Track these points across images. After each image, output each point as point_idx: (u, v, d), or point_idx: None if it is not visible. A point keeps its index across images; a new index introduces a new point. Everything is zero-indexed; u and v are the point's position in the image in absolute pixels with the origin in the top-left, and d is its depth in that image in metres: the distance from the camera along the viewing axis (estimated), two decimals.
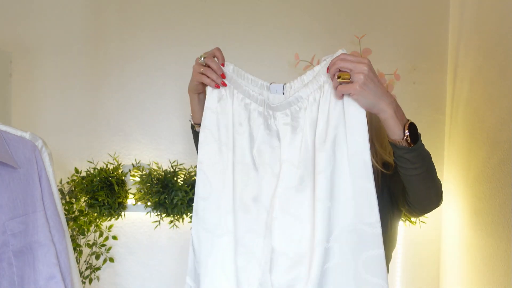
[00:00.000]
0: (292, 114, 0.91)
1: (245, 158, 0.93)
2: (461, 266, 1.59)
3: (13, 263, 0.88)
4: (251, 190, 0.93)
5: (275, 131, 0.93)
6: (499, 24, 1.36)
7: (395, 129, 0.84)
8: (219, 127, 0.94)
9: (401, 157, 0.87)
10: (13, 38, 1.79)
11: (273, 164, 0.92)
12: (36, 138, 1.00)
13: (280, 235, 0.88)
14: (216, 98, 0.94)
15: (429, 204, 0.95)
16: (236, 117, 0.94)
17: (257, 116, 0.93)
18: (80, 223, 1.65)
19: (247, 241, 0.92)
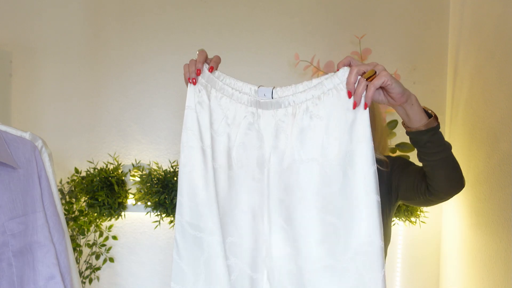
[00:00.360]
0: (278, 117, 0.86)
1: (223, 160, 0.90)
2: (461, 266, 1.59)
3: (12, 264, 0.87)
4: (231, 195, 0.90)
5: (257, 131, 0.88)
6: (499, 24, 1.36)
7: (421, 114, 0.85)
8: (200, 127, 0.90)
9: (429, 141, 0.88)
10: (13, 38, 1.79)
11: (252, 167, 0.89)
12: (36, 138, 1.00)
13: (277, 244, 0.86)
14: (194, 97, 0.91)
15: (456, 186, 0.95)
16: (214, 116, 0.90)
17: (236, 115, 0.89)
18: (80, 223, 1.65)
19: (231, 248, 0.90)
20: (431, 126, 0.87)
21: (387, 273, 1.83)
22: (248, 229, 0.89)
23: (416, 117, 0.86)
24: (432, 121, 0.87)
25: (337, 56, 1.78)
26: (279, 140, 0.86)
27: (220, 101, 0.90)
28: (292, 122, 0.85)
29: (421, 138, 0.88)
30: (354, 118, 0.80)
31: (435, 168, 0.92)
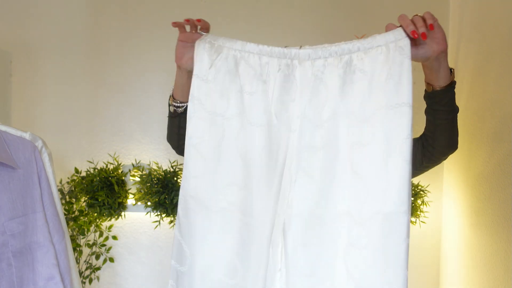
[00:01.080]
0: (317, 67, 0.83)
1: (258, 118, 0.85)
2: (461, 266, 1.59)
3: (12, 264, 0.87)
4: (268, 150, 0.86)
5: (293, 83, 0.84)
6: (499, 24, 1.36)
7: (448, 70, 0.87)
8: (211, 95, 0.86)
9: (450, 99, 0.90)
10: (13, 38, 1.79)
11: (289, 120, 0.85)
12: (36, 139, 1.00)
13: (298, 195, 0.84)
14: (206, 63, 0.86)
15: (453, 146, 0.98)
16: (243, 77, 0.85)
17: (270, 70, 0.85)
18: (80, 223, 1.65)
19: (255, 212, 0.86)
20: (453, 79, 0.89)
21: None
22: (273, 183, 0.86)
23: (443, 73, 0.86)
24: (453, 76, 0.89)
25: None
26: (318, 92, 0.83)
27: (248, 60, 0.86)
28: (333, 73, 0.82)
29: (444, 97, 0.89)
30: (399, 81, 0.78)
31: (446, 126, 0.94)
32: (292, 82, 0.85)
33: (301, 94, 0.84)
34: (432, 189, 1.75)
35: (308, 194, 0.84)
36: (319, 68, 0.83)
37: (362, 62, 0.80)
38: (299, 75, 0.84)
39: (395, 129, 0.78)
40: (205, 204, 0.86)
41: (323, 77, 0.83)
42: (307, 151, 0.84)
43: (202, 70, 0.86)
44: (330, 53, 0.83)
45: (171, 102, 1.00)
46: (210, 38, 0.88)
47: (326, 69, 0.82)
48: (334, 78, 0.82)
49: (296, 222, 0.84)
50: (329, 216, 0.83)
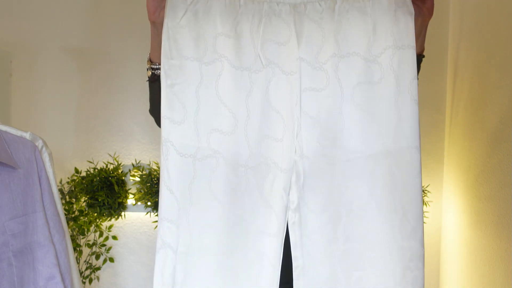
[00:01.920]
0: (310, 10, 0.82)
1: (241, 62, 0.83)
2: (461, 266, 1.59)
3: (13, 264, 0.88)
4: (256, 96, 0.83)
5: (285, 23, 0.82)
6: (499, 24, 1.36)
7: (424, 39, 0.94)
8: (186, 41, 0.82)
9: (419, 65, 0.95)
10: (13, 38, 1.79)
11: (281, 62, 0.83)
12: (36, 138, 1.00)
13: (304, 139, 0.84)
14: (178, 10, 0.81)
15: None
16: (221, 18, 0.82)
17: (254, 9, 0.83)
18: (80, 223, 1.65)
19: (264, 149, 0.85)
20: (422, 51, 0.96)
21: None
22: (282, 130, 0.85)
23: (423, 40, 0.93)
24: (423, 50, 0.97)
25: None
26: (313, 35, 0.82)
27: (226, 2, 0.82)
28: (330, 11, 0.82)
29: (419, 60, 0.95)
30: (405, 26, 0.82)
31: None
32: (282, 26, 0.83)
33: (294, 38, 0.82)
34: (432, 189, 1.75)
35: (314, 136, 0.83)
36: (312, 10, 0.82)
37: (363, 4, 0.82)
38: (290, 19, 0.82)
39: (404, 69, 0.81)
40: (189, 152, 0.85)
41: (318, 20, 0.82)
42: (309, 94, 0.83)
43: (175, 18, 0.82)
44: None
45: (149, 66, 0.93)
46: None
47: (323, 13, 0.82)
48: (329, 21, 0.82)
49: (304, 164, 0.83)
50: (338, 156, 0.83)
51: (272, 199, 0.85)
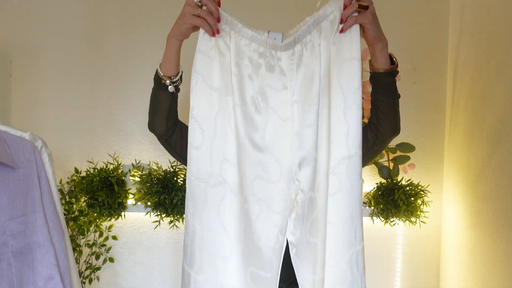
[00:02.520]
0: (298, 53, 0.93)
1: (245, 101, 0.93)
2: (461, 266, 1.59)
3: (12, 264, 0.87)
4: (256, 135, 0.93)
5: (279, 72, 0.93)
6: (499, 24, 1.36)
7: (387, 59, 0.96)
8: (213, 71, 0.91)
9: (388, 84, 0.99)
10: (13, 38, 1.79)
11: (278, 107, 0.94)
12: (36, 138, 1.00)
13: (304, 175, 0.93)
14: (210, 40, 0.91)
15: (396, 128, 1.07)
16: (234, 58, 0.91)
17: (257, 57, 0.93)
18: (80, 223, 1.64)
19: (256, 189, 0.93)
20: (393, 70, 0.98)
21: (387, 273, 1.83)
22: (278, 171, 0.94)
23: (382, 60, 0.96)
24: (394, 67, 0.98)
25: None
26: (304, 75, 0.93)
27: (239, 43, 0.92)
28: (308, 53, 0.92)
29: (384, 79, 0.98)
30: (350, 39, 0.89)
31: (387, 109, 1.02)
32: (280, 72, 0.93)
33: (291, 82, 0.93)
34: (432, 189, 1.75)
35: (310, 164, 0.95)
36: (299, 55, 0.93)
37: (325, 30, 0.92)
38: (285, 65, 0.93)
39: (349, 80, 0.88)
40: (203, 177, 0.91)
41: (305, 62, 0.93)
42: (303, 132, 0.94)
43: (207, 47, 0.91)
44: (299, 38, 0.93)
45: (167, 80, 1.00)
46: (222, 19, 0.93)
47: (305, 53, 0.93)
48: (314, 59, 0.92)
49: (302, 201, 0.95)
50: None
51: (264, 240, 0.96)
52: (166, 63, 0.98)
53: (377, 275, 1.83)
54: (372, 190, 1.72)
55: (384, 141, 1.07)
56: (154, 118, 1.04)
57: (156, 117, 1.03)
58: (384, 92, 1.00)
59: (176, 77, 1.00)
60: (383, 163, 1.70)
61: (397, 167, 1.66)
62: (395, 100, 1.02)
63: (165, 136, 1.06)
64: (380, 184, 1.68)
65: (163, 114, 1.02)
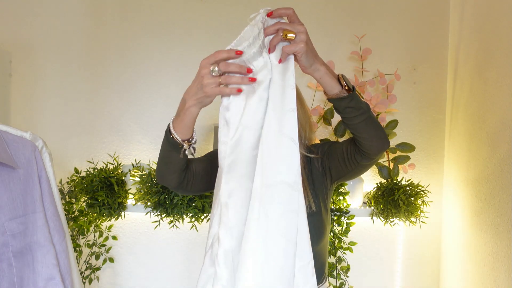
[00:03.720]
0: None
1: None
2: (461, 266, 1.59)
3: (12, 264, 0.87)
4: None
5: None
6: (499, 24, 1.36)
7: (332, 83, 0.90)
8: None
9: (346, 107, 0.93)
10: (13, 38, 1.79)
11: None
12: (36, 138, 1.00)
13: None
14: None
15: (382, 144, 0.99)
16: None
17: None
18: (80, 223, 1.64)
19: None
20: (342, 95, 0.92)
21: (387, 273, 1.83)
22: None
23: (327, 88, 0.91)
24: (342, 92, 0.91)
25: (337, 56, 1.78)
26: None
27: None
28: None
29: (340, 104, 0.93)
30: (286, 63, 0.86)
31: (360, 129, 0.96)
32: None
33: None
34: (432, 189, 1.75)
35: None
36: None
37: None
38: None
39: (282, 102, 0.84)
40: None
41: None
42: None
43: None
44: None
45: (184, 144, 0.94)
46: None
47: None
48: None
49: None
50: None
51: None
52: (184, 128, 0.90)
53: (377, 275, 1.83)
54: (372, 190, 1.72)
55: (372, 158, 1.01)
56: (165, 174, 1.00)
57: (168, 173, 1.00)
58: (348, 116, 0.94)
59: (193, 139, 0.94)
60: (383, 163, 1.70)
61: (397, 167, 1.66)
62: (364, 118, 0.94)
63: (178, 189, 1.04)
64: (380, 184, 1.68)
65: (177, 171, 0.99)
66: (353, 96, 0.92)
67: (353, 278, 1.76)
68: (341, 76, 0.92)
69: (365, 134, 0.96)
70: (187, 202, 1.61)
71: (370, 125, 0.95)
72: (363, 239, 1.81)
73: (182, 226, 1.75)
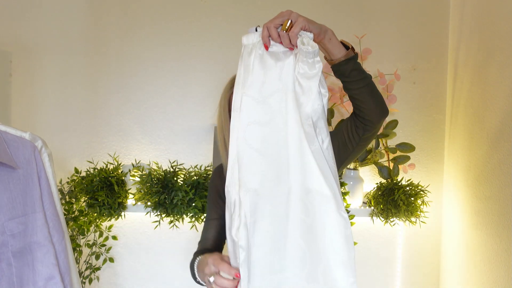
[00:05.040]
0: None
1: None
2: (461, 266, 1.59)
3: (12, 264, 0.87)
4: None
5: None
6: (499, 24, 1.36)
7: (339, 45, 0.93)
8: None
9: (353, 70, 0.94)
10: (13, 38, 1.79)
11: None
12: (35, 138, 1.00)
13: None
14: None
15: (382, 109, 1.01)
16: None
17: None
18: (80, 223, 1.64)
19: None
20: (350, 55, 0.94)
21: (387, 273, 1.83)
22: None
23: (335, 50, 0.93)
24: (350, 51, 0.94)
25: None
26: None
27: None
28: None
29: (346, 68, 0.95)
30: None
31: (363, 94, 0.97)
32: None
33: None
34: (432, 189, 1.75)
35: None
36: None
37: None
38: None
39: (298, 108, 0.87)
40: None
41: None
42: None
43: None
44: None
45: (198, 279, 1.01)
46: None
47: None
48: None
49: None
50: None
51: None
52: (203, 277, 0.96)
53: (377, 275, 1.83)
54: (372, 190, 1.72)
55: (374, 127, 1.03)
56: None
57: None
58: (353, 79, 0.96)
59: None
60: (383, 163, 1.70)
61: (397, 167, 1.66)
62: (367, 82, 0.97)
63: None
64: (380, 184, 1.68)
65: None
66: (357, 58, 0.95)
67: None
68: (342, 40, 0.96)
69: (368, 98, 0.98)
70: (187, 202, 1.61)
71: (373, 88, 0.98)
72: (363, 239, 1.81)
73: (182, 226, 1.75)
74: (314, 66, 0.85)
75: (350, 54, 0.94)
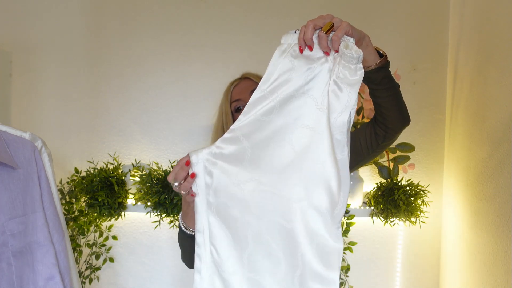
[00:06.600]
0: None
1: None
2: (461, 266, 1.59)
3: (12, 264, 0.87)
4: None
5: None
6: (499, 24, 1.36)
7: (375, 53, 0.94)
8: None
9: (384, 77, 0.95)
10: (13, 38, 1.79)
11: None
12: (35, 138, 1.00)
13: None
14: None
15: (406, 118, 1.02)
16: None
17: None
18: (80, 223, 1.64)
19: None
20: (385, 62, 0.95)
21: (387, 273, 1.83)
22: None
23: (370, 57, 0.93)
24: (384, 59, 0.95)
25: None
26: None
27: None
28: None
29: (378, 76, 0.95)
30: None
31: (390, 102, 0.98)
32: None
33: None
34: (432, 189, 1.75)
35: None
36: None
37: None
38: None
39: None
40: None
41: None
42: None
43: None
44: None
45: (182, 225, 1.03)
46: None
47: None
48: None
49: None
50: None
51: None
52: (191, 221, 0.99)
53: (377, 275, 1.83)
54: (372, 190, 1.72)
55: (393, 135, 1.04)
56: (183, 254, 1.09)
57: (184, 255, 1.09)
58: (383, 87, 0.96)
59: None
60: (383, 163, 1.70)
61: (397, 167, 1.66)
62: (395, 91, 0.98)
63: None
64: (380, 184, 1.68)
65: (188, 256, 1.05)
66: (389, 65, 0.96)
67: (353, 278, 1.76)
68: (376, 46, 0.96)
69: (394, 106, 0.99)
70: None
71: (400, 97, 1.00)
72: (363, 239, 1.81)
73: None
74: (356, 72, 0.82)
75: (383, 62, 0.94)
